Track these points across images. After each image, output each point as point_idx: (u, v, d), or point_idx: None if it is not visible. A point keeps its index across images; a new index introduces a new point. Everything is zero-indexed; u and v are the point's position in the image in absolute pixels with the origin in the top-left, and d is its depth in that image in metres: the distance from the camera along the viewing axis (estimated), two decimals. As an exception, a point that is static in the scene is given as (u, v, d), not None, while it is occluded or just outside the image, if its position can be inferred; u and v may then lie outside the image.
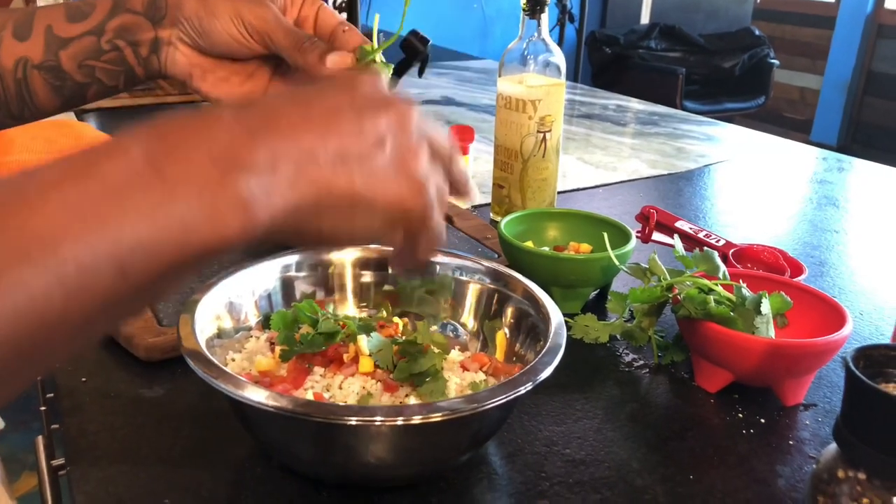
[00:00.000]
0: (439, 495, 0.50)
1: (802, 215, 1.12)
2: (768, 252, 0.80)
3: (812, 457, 0.56)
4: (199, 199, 0.29)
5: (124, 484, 0.50)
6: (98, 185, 0.28)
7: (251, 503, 0.49)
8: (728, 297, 0.62)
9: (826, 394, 0.64)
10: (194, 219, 0.29)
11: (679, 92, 3.90)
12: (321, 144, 0.32)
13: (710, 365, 0.62)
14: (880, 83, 4.56)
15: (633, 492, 0.51)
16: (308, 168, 0.32)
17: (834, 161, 1.40)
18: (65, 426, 0.56)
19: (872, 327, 0.77)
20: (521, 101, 0.89)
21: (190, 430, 0.55)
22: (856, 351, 0.40)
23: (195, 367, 0.46)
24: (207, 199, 0.29)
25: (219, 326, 0.55)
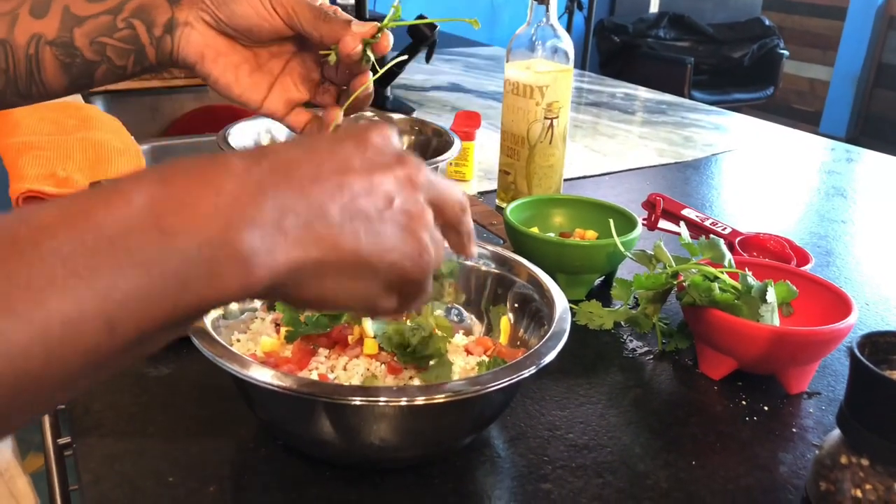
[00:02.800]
0: (442, 477, 0.50)
1: (810, 205, 1.11)
2: (774, 241, 0.80)
3: (815, 444, 0.56)
4: (199, 253, 0.28)
5: (129, 462, 0.50)
6: (93, 235, 0.27)
7: (255, 482, 0.49)
8: (733, 284, 0.62)
9: (830, 382, 0.64)
10: (192, 274, 0.28)
11: (687, 81, 3.88)
12: (330, 202, 0.31)
13: (714, 352, 0.62)
14: (891, 75, 4.52)
15: (636, 477, 0.52)
16: (315, 226, 0.31)
17: (842, 151, 1.39)
18: (70, 405, 0.56)
19: (878, 317, 0.77)
20: (528, 87, 0.89)
21: (195, 409, 0.56)
22: (862, 337, 0.40)
23: (201, 346, 0.46)
24: (207, 253, 0.28)
25: (224, 307, 0.55)
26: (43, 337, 0.25)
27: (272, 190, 0.30)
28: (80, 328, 0.26)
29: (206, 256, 0.28)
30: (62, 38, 0.52)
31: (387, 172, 0.33)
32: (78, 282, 0.26)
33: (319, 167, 0.32)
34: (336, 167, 0.32)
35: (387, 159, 0.34)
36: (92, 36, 0.52)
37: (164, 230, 0.27)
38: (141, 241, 0.27)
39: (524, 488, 0.50)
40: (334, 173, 0.32)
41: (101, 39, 0.53)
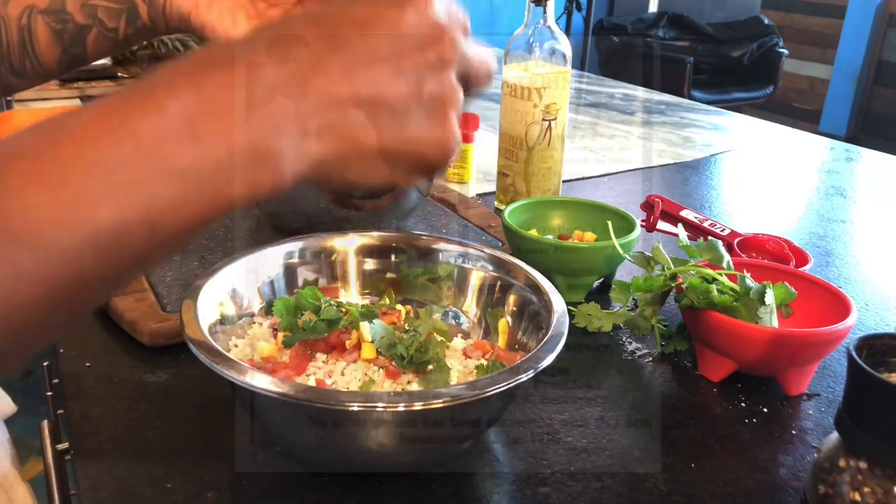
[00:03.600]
0: (441, 482, 0.50)
1: (809, 205, 1.11)
2: (773, 241, 0.80)
3: (814, 446, 0.56)
4: (231, 159, 0.30)
5: (127, 468, 0.50)
6: (132, 146, 0.28)
7: (253, 488, 0.49)
8: (732, 286, 0.62)
9: (829, 384, 0.64)
10: (226, 179, 0.30)
11: (687, 81, 3.87)
12: (356, 95, 0.32)
13: (713, 354, 0.62)
14: (890, 73, 4.51)
15: (635, 480, 0.51)
16: (339, 122, 0.32)
17: (842, 151, 1.39)
18: (69, 411, 0.56)
19: (877, 318, 0.77)
20: (526, 89, 0.89)
21: (193, 415, 0.56)
22: (859, 340, 0.40)
23: (198, 352, 0.46)
24: (240, 161, 0.30)
25: (222, 313, 0.55)
26: (93, 244, 0.28)
27: (300, 88, 0.31)
28: (125, 234, 0.28)
29: (239, 163, 0.30)
30: (54, 6, 0.53)
31: (417, 56, 0.33)
32: (121, 194, 0.28)
33: (348, 62, 0.32)
34: (363, 59, 0.32)
35: (421, 35, 0.33)
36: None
37: (199, 139, 0.29)
38: (177, 150, 0.29)
39: (523, 492, 0.50)
40: (361, 67, 0.32)
41: (92, 2, 0.53)
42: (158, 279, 0.71)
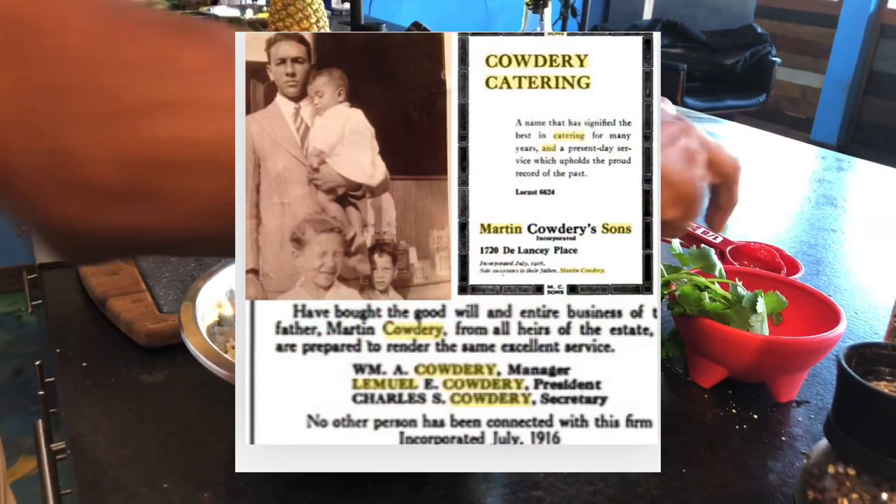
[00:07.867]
0: (434, 484, 0.51)
1: (800, 214, 1.12)
2: (765, 250, 0.81)
3: (804, 453, 0.57)
4: None
5: (124, 468, 0.50)
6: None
7: (249, 488, 0.50)
8: (724, 294, 0.63)
9: (819, 391, 0.65)
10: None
11: (680, 88, 3.89)
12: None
13: (704, 361, 0.63)
14: (882, 83, 4.55)
15: (626, 484, 0.52)
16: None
17: (833, 160, 1.40)
18: (65, 411, 0.56)
19: (867, 326, 0.78)
20: (522, 96, 0.89)
21: (190, 415, 0.56)
22: (848, 349, 0.40)
23: (195, 352, 0.46)
24: None
25: (220, 314, 0.55)
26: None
27: None
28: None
29: None
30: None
31: (671, 124, 0.44)
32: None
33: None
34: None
35: (671, 118, 0.45)
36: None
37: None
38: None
39: (516, 496, 0.51)
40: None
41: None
42: (155, 280, 0.71)
